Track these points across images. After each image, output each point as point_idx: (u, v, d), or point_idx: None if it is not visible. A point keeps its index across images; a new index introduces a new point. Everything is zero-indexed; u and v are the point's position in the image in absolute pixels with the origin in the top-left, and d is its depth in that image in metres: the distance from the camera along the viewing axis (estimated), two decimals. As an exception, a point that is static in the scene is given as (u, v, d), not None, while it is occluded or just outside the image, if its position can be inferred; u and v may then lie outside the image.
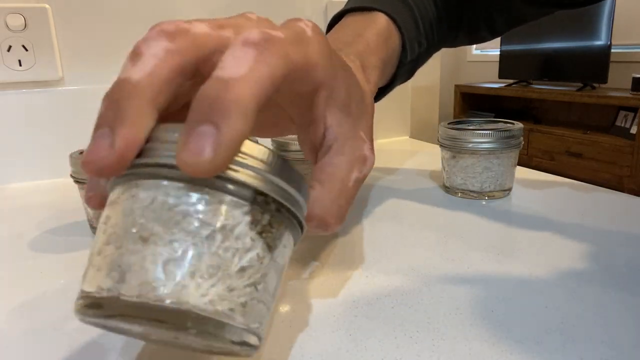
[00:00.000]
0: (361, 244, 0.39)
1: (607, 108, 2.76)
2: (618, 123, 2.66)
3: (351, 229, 0.43)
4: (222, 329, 0.17)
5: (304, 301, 0.31)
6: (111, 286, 0.17)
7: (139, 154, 0.18)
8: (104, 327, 0.19)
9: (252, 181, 0.18)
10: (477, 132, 0.47)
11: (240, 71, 0.18)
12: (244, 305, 0.18)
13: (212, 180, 0.17)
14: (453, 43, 0.51)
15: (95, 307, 0.17)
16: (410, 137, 0.88)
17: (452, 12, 0.46)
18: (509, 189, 0.50)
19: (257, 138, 0.34)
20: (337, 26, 0.40)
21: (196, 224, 0.17)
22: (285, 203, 0.19)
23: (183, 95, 0.22)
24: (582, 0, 0.44)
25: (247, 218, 0.18)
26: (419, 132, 0.95)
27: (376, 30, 0.38)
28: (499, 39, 3.27)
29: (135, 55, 0.19)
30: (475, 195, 0.50)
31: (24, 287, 0.34)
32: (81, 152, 0.43)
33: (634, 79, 2.57)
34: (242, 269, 0.18)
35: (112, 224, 0.18)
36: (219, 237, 0.17)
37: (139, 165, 0.18)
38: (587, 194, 0.51)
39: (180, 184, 0.17)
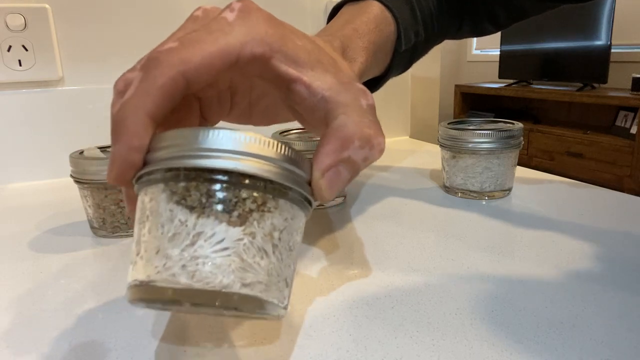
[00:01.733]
0: (361, 244, 0.39)
1: (607, 108, 2.76)
2: (618, 123, 2.66)
3: (351, 228, 0.43)
4: (253, 305, 0.19)
5: (304, 301, 0.31)
6: (159, 276, 0.19)
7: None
8: (149, 307, 0.20)
9: (232, 165, 0.19)
10: (477, 132, 0.47)
11: (124, 101, 0.21)
12: (267, 284, 0.20)
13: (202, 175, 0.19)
14: (456, 35, 0.51)
15: (147, 292, 0.19)
16: (410, 137, 0.88)
17: (453, 3, 0.46)
18: (509, 189, 0.50)
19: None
20: (333, 18, 0.40)
21: (213, 218, 0.19)
22: (273, 178, 0.20)
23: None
24: None
25: (244, 197, 0.19)
26: (419, 132, 0.95)
27: (367, 17, 0.38)
28: (499, 38, 3.27)
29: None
30: (475, 195, 0.50)
31: (24, 287, 0.34)
32: (81, 152, 0.43)
33: (634, 79, 2.57)
34: (260, 249, 0.20)
35: (146, 226, 0.20)
36: (235, 230, 0.19)
37: (145, 174, 0.21)
38: (587, 194, 0.51)
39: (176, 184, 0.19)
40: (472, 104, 3.48)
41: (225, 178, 0.19)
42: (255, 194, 0.19)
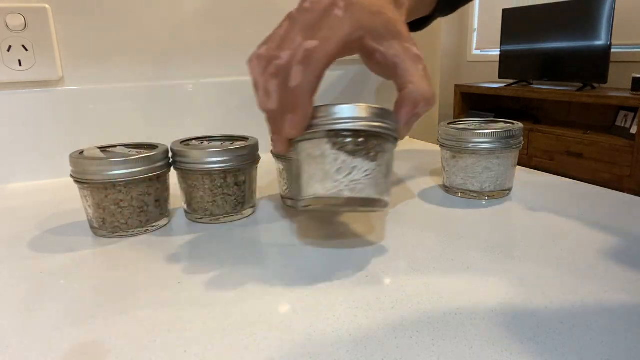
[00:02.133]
0: (361, 244, 0.39)
1: (607, 108, 2.76)
2: (618, 123, 2.66)
3: (351, 229, 0.43)
4: (379, 204, 0.34)
5: (304, 301, 0.31)
6: (331, 192, 0.32)
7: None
8: (313, 210, 0.36)
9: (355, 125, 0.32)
10: (477, 132, 0.47)
11: (296, 83, 0.32)
12: (387, 190, 0.34)
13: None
14: None
15: (320, 202, 0.33)
16: (410, 137, 0.88)
17: None
18: (509, 189, 0.50)
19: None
20: None
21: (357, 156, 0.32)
22: (377, 130, 0.32)
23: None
24: None
25: (361, 145, 0.32)
26: (419, 132, 0.95)
27: None
28: (499, 39, 3.27)
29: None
30: (475, 195, 0.50)
31: (24, 287, 0.34)
32: (81, 152, 0.43)
33: (634, 79, 2.57)
34: (384, 173, 0.33)
35: (306, 162, 0.34)
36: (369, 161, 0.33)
37: (306, 134, 0.33)
38: (587, 194, 0.51)
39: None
40: (472, 104, 3.48)
41: (364, 135, 0.32)
42: (379, 142, 0.33)
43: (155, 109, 0.67)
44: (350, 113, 0.32)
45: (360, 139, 0.32)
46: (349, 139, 0.32)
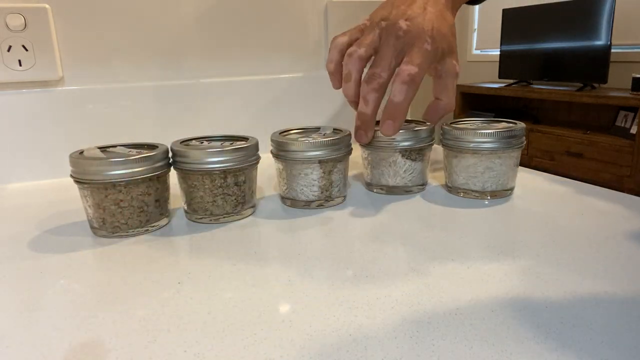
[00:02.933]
0: (361, 244, 0.39)
1: (607, 108, 2.75)
2: (618, 123, 2.66)
3: (351, 228, 0.43)
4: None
5: (304, 301, 0.31)
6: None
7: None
8: None
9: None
10: (479, 132, 0.47)
11: (402, 99, 0.44)
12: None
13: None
14: None
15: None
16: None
17: None
18: (511, 189, 0.50)
19: None
20: None
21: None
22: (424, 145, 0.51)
23: None
24: None
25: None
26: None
27: None
28: (499, 39, 3.27)
29: (372, 80, 0.46)
30: (477, 195, 0.50)
31: (24, 287, 0.34)
32: (81, 152, 0.43)
33: (634, 79, 2.57)
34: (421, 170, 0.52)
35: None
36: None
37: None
38: (587, 194, 0.51)
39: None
40: (472, 104, 3.48)
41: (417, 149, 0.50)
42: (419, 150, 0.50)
43: (155, 109, 0.67)
44: (409, 134, 0.49)
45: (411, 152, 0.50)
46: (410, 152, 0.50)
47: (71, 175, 0.41)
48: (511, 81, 3.32)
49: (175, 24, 0.68)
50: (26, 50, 0.60)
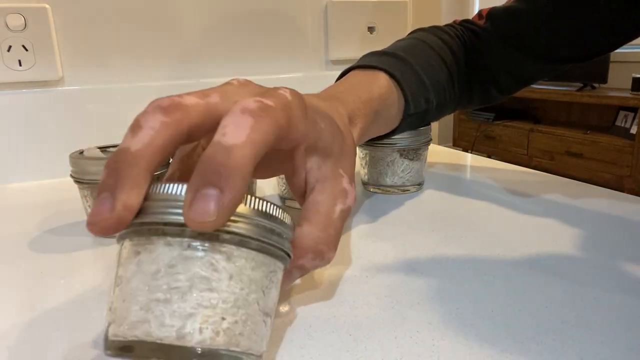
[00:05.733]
0: (361, 244, 0.39)
1: (607, 108, 2.76)
2: (618, 123, 2.66)
3: (351, 228, 0.43)
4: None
5: (304, 301, 0.31)
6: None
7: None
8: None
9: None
10: None
11: (240, 138, 0.20)
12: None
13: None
14: (468, 105, 0.55)
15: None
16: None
17: (461, 74, 0.51)
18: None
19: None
20: (341, 79, 0.44)
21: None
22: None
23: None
24: (589, 55, 0.50)
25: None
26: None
27: (372, 86, 0.41)
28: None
29: (135, 127, 0.21)
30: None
31: (24, 287, 0.34)
32: (81, 152, 0.43)
33: (634, 79, 2.57)
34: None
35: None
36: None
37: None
38: (587, 194, 0.51)
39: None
40: (472, 104, 3.48)
41: None
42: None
43: (155, 109, 0.67)
44: (408, 134, 0.46)
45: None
46: None
47: (71, 175, 0.41)
48: (511, 81, 3.32)
49: (175, 24, 0.68)
50: (26, 50, 0.60)
